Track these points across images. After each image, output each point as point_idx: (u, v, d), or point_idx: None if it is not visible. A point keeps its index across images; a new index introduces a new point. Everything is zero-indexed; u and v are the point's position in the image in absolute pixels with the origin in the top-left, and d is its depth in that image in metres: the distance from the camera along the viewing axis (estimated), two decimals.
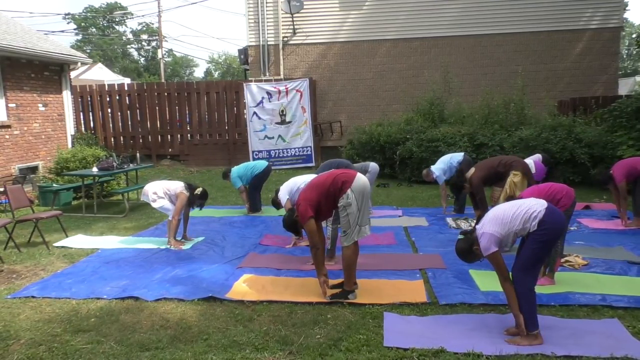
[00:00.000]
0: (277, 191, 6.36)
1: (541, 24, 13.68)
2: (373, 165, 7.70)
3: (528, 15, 13.69)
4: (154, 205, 6.27)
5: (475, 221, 7.14)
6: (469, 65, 13.99)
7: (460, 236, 3.59)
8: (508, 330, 3.62)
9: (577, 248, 5.66)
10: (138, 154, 9.98)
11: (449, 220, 7.32)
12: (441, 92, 12.66)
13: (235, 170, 8.18)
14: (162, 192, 6.29)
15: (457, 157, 7.82)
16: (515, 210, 3.46)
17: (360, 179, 4.28)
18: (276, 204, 6.50)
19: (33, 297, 4.56)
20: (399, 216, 7.68)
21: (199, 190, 6.34)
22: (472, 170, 6.52)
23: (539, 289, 3.88)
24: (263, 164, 8.28)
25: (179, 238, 6.45)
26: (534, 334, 3.43)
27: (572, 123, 10.12)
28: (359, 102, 14.51)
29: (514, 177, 6.13)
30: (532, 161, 7.35)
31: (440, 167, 7.80)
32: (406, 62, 14.24)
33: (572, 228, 6.56)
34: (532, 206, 3.46)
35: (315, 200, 4.28)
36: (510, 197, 5.85)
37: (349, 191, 4.19)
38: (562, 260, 5.06)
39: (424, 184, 10.39)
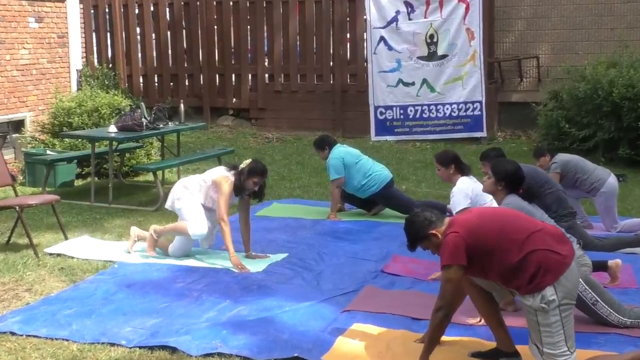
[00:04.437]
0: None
1: None
2: (610, 184, 7.40)
3: None
4: (177, 208, 6.67)
5: None
6: None
7: None
8: None
9: None
10: (182, 106, 10.35)
11: None
12: None
13: (342, 152, 8.30)
14: (196, 185, 6.67)
15: None
16: None
17: (574, 270, 4.05)
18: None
19: (12, 333, 4.90)
20: None
21: (245, 163, 6.55)
22: None
23: None
24: (383, 177, 8.23)
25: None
26: None
27: None
28: (572, 24, 14.02)
29: None
30: None
31: None
32: None
33: None
34: None
35: (487, 240, 4.06)
36: None
37: (548, 290, 3.93)
38: None
39: None
